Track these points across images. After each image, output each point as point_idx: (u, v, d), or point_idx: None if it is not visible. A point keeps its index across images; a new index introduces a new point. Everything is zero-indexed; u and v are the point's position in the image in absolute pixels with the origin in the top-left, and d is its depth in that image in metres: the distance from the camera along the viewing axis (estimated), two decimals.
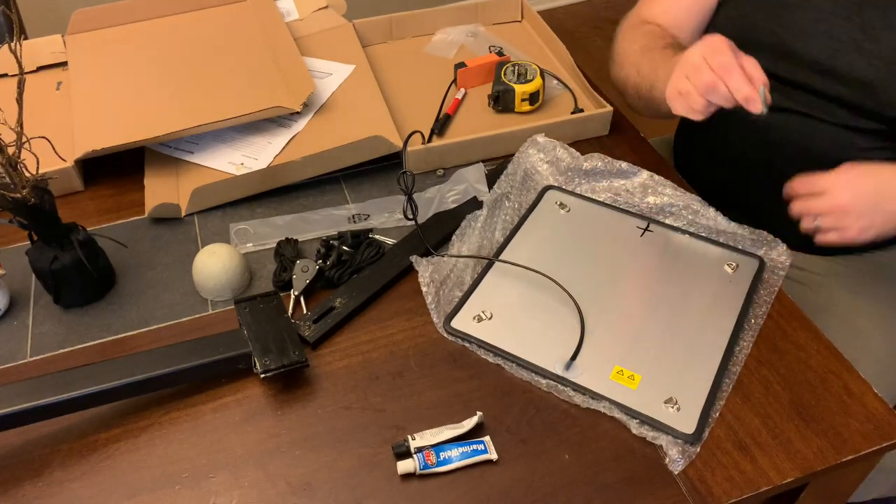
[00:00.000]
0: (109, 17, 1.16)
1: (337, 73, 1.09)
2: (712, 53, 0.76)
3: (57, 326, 0.83)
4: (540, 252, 0.88)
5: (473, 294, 0.83)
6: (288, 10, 1.21)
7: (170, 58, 1.10)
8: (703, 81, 0.75)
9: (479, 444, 0.70)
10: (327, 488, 0.68)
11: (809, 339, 0.80)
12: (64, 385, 0.69)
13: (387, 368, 0.78)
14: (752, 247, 0.88)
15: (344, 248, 0.87)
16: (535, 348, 0.78)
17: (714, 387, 0.74)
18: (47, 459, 0.71)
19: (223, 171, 0.97)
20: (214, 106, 1.00)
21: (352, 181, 0.99)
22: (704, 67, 0.75)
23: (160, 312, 0.84)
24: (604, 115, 1.04)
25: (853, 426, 0.72)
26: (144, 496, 0.68)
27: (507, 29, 1.26)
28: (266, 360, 0.74)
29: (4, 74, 1.09)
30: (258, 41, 1.13)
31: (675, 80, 0.79)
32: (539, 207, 0.93)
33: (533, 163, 0.98)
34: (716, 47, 0.76)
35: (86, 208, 0.96)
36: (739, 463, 0.70)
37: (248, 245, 0.90)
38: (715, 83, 0.75)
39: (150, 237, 0.92)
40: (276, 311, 0.78)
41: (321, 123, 1.02)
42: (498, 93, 1.05)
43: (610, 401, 0.73)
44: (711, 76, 0.75)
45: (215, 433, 0.73)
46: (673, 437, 0.71)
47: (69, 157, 0.94)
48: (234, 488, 0.69)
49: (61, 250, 0.81)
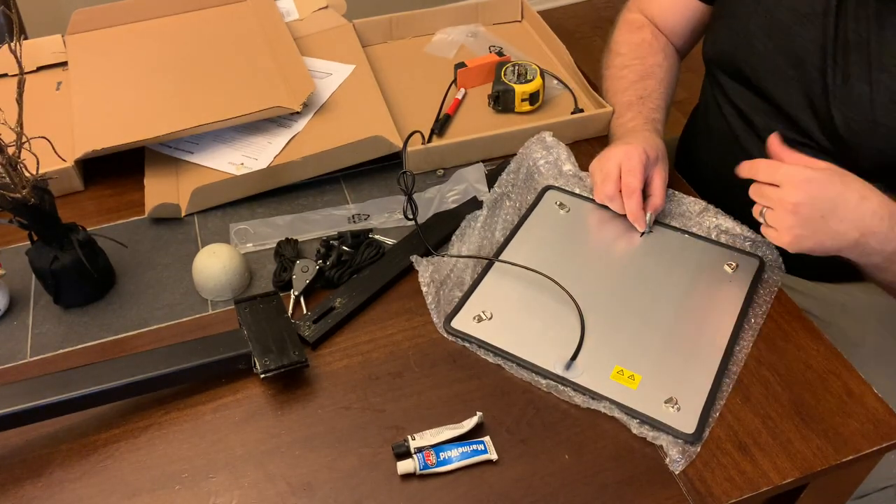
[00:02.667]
0: (109, 17, 1.16)
1: (337, 73, 1.09)
2: (626, 172, 0.87)
3: (57, 326, 0.83)
4: (540, 252, 0.87)
5: (473, 294, 0.83)
6: (288, 10, 1.21)
7: (170, 58, 1.10)
8: (607, 193, 0.88)
9: (479, 445, 0.70)
10: (327, 488, 0.68)
11: (809, 339, 0.80)
12: (64, 385, 0.69)
13: (387, 368, 0.78)
14: (752, 247, 0.88)
15: (344, 248, 0.87)
16: (535, 348, 0.78)
17: (714, 387, 0.74)
18: (47, 459, 0.71)
19: (223, 171, 0.97)
20: (214, 106, 1.00)
21: (352, 181, 0.99)
22: (613, 181, 0.87)
23: (160, 312, 0.84)
24: (604, 115, 1.03)
25: (853, 426, 0.72)
26: (144, 496, 0.68)
27: (507, 29, 1.26)
28: (266, 361, 0.74)
29: (4, 74, 1.09)
30: (258, 41, 1.13)
31: (592, 170, 0.91)
32: (539, 207, 0.93)
33: (535, 160, 0.97)
34: (631, 167, 0.86)
35: (86, 208, 0.96)
36: (739, 463, 0.70)
37: (248, 245, 0.90)
38: (614, 197, 0.88)
39: (150, 237, 0.92)
40: (276, 312, 0.78)
41: (321, 123, 1.02)
42: (498, 93, 1.05)
43: (610, 401, 0.73)
44: (614, 190, 0.87)
45: (215, 433, 0.73)
46: (673, 437, 0.71)
47: (69, 157, 0.94)
48: (234, 488, 0.69)
49: (61, 250, 0.81)
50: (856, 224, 0.72)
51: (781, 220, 0.73)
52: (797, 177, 0.72)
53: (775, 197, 0.73)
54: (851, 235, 0.72)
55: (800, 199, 0.71)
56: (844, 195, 0.71)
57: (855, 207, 0.71)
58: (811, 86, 0.86)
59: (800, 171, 0.72)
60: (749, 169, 0.76)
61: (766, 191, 0.74)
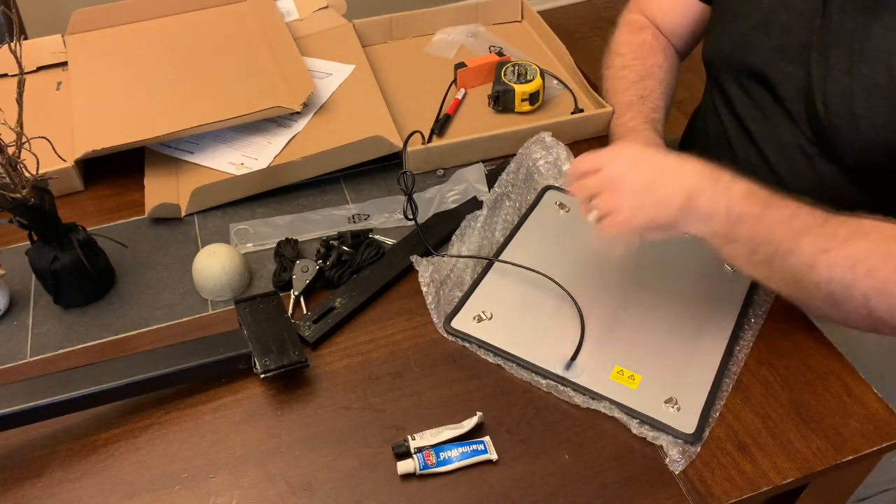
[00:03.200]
0: (109, 17, 1.16)
1: (337, 73, 1.09)
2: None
3: (57, 326, 0.83)
4: (540, 252, 0.87)
5: (473, 294, 0.83)
6: (288, 10, 1.21)
7: (170, 58, 1.10)
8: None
9: (479, 445, 0.70)
10: (327, 488, 0.68)
11: (809, 339, 0.80)
12: (64, 385, 0.69)
13: (387, 368, 0.78)
14: None
15: (344, 248, 0.87)
16: (535, 348, 0.78)
17: (714, 387, 0.74)
18: (47, 459, 0.71)
19: (223, 171, 0.97)
20: (214, 106, 1.00)
21: (352, 181, 0.99)
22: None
23: (160, 312, 0.84)
24: (604, 115, 1.03)
25: (853, 426, 0.72)
26: (144, 496, 0.68)
27: (507, 29, 1.26)
28: (266, 361, 0.74)
29: (4, 74, 1.09)
30: (258, 41, 1.13)
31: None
32: (539, 207, 0.93)
33: (535, 160, 0.97)
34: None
35: (86, 208, 0.96)
36: (739, 463, 0.70)
37: (248, 245, 0.90)
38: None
39: (150, 237, 0.92)
40: (276, 312, 0.78)
41: (321, 123, 1.02)
42: (498, 93, 1.05)
43: (610, 401, 0.73)
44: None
45: (215, 433, 0.73)
46: (673, 437, 0.71)
47: (69, 157, 0.94)
48: (234, 488, 0.69)
49: (61, 250, 0.81)
50: (681, 185, 0.70)
51: (610, 200, 0.71)
52: (615, 154, 0.74)
53: (598, 180, 0.72)
54: (679, 197, 0.70)
55: (622, 171, 0.72)
56: (663, 160, 0.73)
57: (675, 168, 0.72)
58: (804, 81, 0.87)
59: (618, 149, 0.76)
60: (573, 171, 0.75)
61: (588, 181, 0.73)
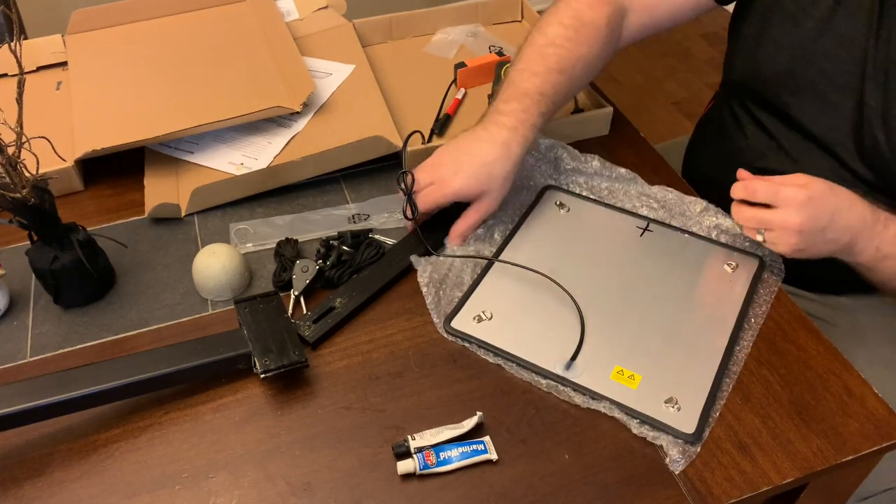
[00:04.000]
0: (109, 17, 1.16)
1: (337, 73, 1.09)
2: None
3: (57, 326, 0.83)
4: (540, 252, 0.87)
5: (473, 294, 0.83)
6: (288, 10, 1.21)
7: (170, 58, 1.10)
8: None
9: (479, 445, 0.70)
10: (327, 488, 0.68)
11: (809, 339, 0.80)
12: (64, 385, 0.69)
13: (387, 368, 0.78)
14: (752, 246, 0.88)
15: (344, 248, 0.87)
16: (535, 348, 0.78)
17: (714, 387, 0.74)
18: (47, 459, 0.71)
19: (223, 171, 0.97)
20: (214, 106, 1.00)
21: (352, 181, 0.99)
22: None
23: (160, 312, 0.84)
24: (604, 115, 1.04)
25: (853, 426, 0.72)
26: (144, 496, 0.68)
27: (507, 29, 1.26)
28: (266, 361, 0.74)
29: (4, 74, 1.09)
30: (258, 41, 1.13)
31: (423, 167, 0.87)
32: (538, 207, 0.93)
33: (531, 161, 0.97)
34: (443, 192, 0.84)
35: (86, 208, 0.96)
36: (739, 463, 0.70)
37: (247, 245, 0.90)
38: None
39: (150, 237, 0.92)
40: (276, 312, 0.78)
41: (321, 123, 1.02)
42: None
43: (610, 401, 0.73)
44: None
45: (215, 433, 0.73)
46: (673, 436, 0.71)
47: (69, 157, 0.94)
48: (234, 488, 0.69)
49: (61, 250, 0.81)
50: (848, 230, 0.76)
51: (784, 239, 0.76)
52: (797, 198, 0.75)
53: (777, 220, 0.75)
54: (844, 240, 0.77)
55: (803, 219, 0.74)
56: (838, 206, 0.76)
57: (847, 215, 0.76)
58: (854, 111, 0.85)
59: (799, 192, 0.75)
60: (745, 190, 0.78)
61: (764, 215, 0.76)
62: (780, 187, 0.75)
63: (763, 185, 0.76)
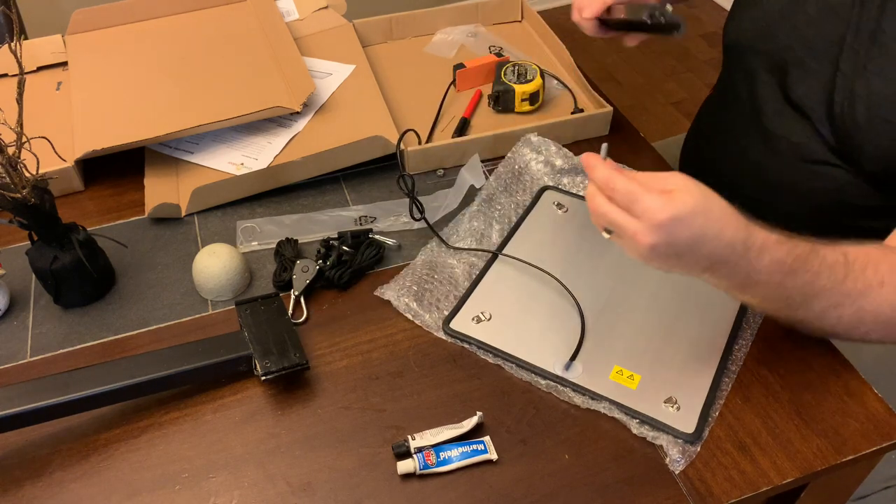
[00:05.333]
0: (109, 17, 1.16)
1: (337, 73, 1.10)
2: None
3: (57, 326, 0.83)
4: (538, 252, 0.87)
5: (472, 295, 0.83)
6: (288, 10, 1.21)
7: (169, 58, 1.10)
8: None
9: (479, 444, 0.70)
10: (327, 488, 0.68)
11: (809, 338, 0.80)
12: (64, 387, 0.69)
13: (387, 368, 0.78)
14: None
15: (344, 249, 0.87)
16: (535, 349, 0.78)
17: (714, 386, 0.74)
18: (47, 459, 0.71)
19: (223, 171, 0.97)
20: (214, 106, 1.00)
21: (352, 181, 0.99)
22: None
23: (160, 312, 0.84)
24: (604, 115, 1.04)
25: (853, 426, 0.72)
26: (144, 496, 0.68)
27: (507, 29, 1.26)
28: (267, 363, 0.74)
29: (4, 74, 1.09)
30: (258, 41, 1.13)
31: None
32: (537, 208, 0.93)
33: (526, 162, 0.98)
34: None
35: (86, 208, 0.96)
36: (739, 463, 0.70)
37: (252, 243, 0.90)
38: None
39: (150, 237, 0.92)
40: (277, 313, 0.78)
41: (321, 123, 1.02)
42: (498, 93, 1.05)
43: (610, 401, 0.73)
44: None
45: (215, 433, 0.73)
46: (673, 436, 0.71)
47: (69, 157, 0.94)
48: (234, 488, 0.69)
49: (61, 250, 0.81)
50: (709, 258, 0.64)
51: (632, 250, 0.65)
52: (656, 216, 0.61)
53: (628, 231, 0.63)
54: (702, 266, 0.65)
55: (657, 242, 0.62)
56: (704, 233, 0.62)
57: (712, 244, 0.63)
58: (830, 79, 0.85)
59: (661, 209, 0.61)
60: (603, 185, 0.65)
61: (616, 218, 0.64)
62: (642, 196, 0.62)
63: (622, 186, 0.63)
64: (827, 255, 0.67)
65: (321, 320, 0.82)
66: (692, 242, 0.62)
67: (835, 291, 0.68)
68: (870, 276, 0.68)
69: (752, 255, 0.64)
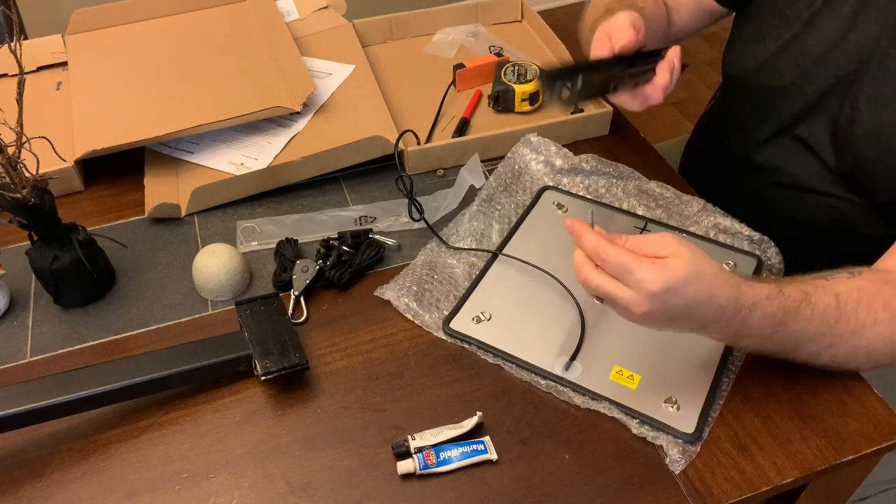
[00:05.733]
0: (109, 17, 1.16)
1: (337, 73, 1.10)
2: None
3: (57, 326, 0.83)
4: (538, 252, 0.87)
5: (472, 295, 0.83)
6: (288, 10, 1.21)
7: (170, 58, 1.10)
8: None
9: (479, 445, 0.70)
10: (327, 488, 0.68)
11: None
12: (65, 387, 0.69)
13: (387, 368, 0.78)
14: (749, 246, 0.88)
15: (344, 249, 0.87)
16: (535, 349, 0.78)
17: (714, 386, 0.74)
18: (47, 459, 0.71)
19: (223, 171, 0.97)
20: (214, 106, 1.00)
21: (352, 181, 0.99)
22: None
23: (160, 312, 0.84)
24: (604, 115, 1.04)
25: (853, 426, 0.72)
26: (144, 496, 0.68)
27: (507, 29, 1.26)
28: (267, 363, 0.74)
29: (4, 74, 1.09)
30: (258, 41, 1.13)
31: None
32: (536, 208, 0.93)
33: (526, 162, 0.98)
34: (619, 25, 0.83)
35: (86, 208, 0.96)
36: (739, 463, 0.70)
37: (252, 243, 0.90)
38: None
39: (150, 237, 0.92)
40: (277, 313, 0.78)
41: (321, 123, 1.02)
42: (498, 93, 1.05)
43: (610, 401, 0.73)
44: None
45: (215, 433, 0.73)
46: (673, 436, 0.71)
47: (69, 157, 0.94)
48: (234, 488, 0.69)
49: (61, 250, 0.81)
50: (702, 320, 0.65)
51: (626, 317, 0.65)
52: (650, 288, 0.61)
53: (622, 300, 0.63)
54: (695, 326, 0.66)
55: (651, 310, 0.62)
56: (696, 300, 0.63)
57: (703, 309, 0.64)
58: (836, 115, 0.85)
59: (654, 280, 0.61)
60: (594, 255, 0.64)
61: (609, 289, 0.64)
62: (635, 267, 0.61)
63: (614, 258, 0.62)
64: (819, 300, 0.68)
65: (321, 320, 0.82)
66: (685, 308, 0.63)
67: (828, 334, 0.69)
68: (862, 315, 0.69)
69: (743, 314, 0.65)
